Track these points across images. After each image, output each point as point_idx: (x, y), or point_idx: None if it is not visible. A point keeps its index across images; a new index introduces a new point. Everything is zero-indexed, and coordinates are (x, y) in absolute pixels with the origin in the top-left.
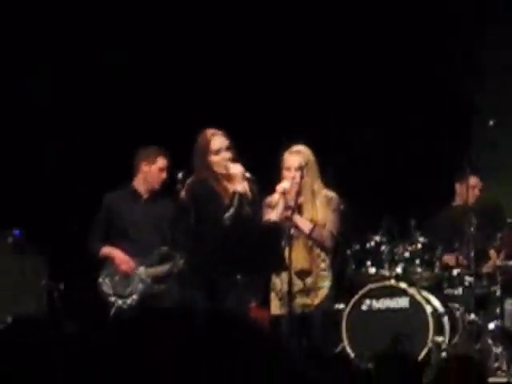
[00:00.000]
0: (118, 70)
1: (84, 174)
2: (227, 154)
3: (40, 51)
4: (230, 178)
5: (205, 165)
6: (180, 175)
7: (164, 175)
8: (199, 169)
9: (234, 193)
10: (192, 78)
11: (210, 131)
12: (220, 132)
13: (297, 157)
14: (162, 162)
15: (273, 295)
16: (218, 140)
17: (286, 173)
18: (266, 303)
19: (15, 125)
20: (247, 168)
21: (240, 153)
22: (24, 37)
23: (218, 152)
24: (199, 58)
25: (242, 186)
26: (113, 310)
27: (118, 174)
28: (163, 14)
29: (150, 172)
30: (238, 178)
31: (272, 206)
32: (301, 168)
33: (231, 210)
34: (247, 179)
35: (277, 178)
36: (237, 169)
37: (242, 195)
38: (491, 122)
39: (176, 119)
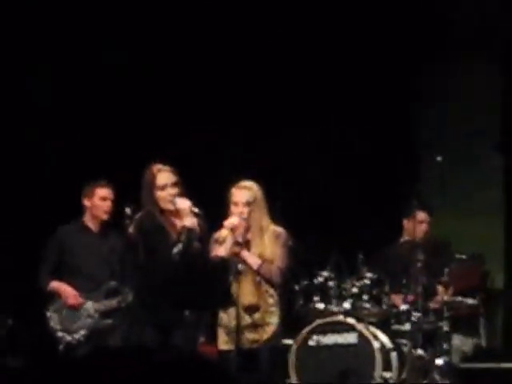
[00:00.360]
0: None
1: (33, 206)
2: (173, 190)
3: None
4: (177, 213)
5: (151, 200)
6: (128, 210)
7: (107, 204)
8: (146, 204)
9: (183, 228)
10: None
11: (156, 167)
12: (166, 168)
13: (245, 192)
14: (101, 191)
15: (220, 330)
16: (163, 176)
17: (233, 208)
18: (213, 338)
19: None
20: (194, 203)
21: (187, 188)
22: (25, 38)
23: (163, 188)
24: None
25: (189, 221)
26: (61, 346)
27: (69, 208)
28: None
29: (93, 205)
30: (185, 213)
31: (220, 242)
32: (248, 203)
33: (179, 246)
34: (195, 214)
35: (224, 213)
36: (184, 204)
37: (190, 230)
38: (439, 158)
39: (125, 153)
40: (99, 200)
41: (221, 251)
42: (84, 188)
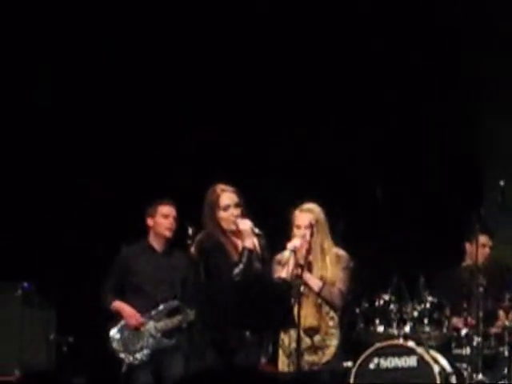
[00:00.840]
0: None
1: (96, 227)
2: (236, 211)
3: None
4: (238, 234)
5: (213, 220)
6: (190, 230)
7: (170, 221)
8: (208, 224)
9: (244, 249)
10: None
11: (219, 187)
12: (230, 188)
13: (307, 215)
14: (163, 209)
15: (281, 352)
16: (227, 196)
17: (296, 230)
18: (273, 360)
19: (26, 176)
20: (256, 224)
21: (249, 209)
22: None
23: (226, 208)
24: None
25: (250, 242)
26: (124, 367)
27: (131, 229)
28: None
29: (155, 223)
30: (246, 234)
31: (282, 264)
32: (311, 226)
33: (240, 266)
34: (256, 235)
35: (287, 234)
36: (245, 225)
37: (250, 251)
38: (502, 182)
39: (190, 172)
40: (161, 217)
41: (283, 273)
42: (147, 208)
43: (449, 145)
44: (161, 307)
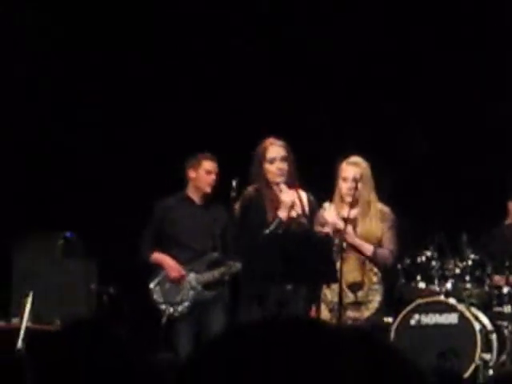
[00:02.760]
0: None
1: (138, 178)
2: (282, 165)
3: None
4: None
5: (260, 173)
6: (234, 183)
7: (212, 177)
8: (254, 177)
9: (276, 217)
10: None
11: (269, 140)
12: (279, 142)
13: (354, 167)
14: (207, 164)
15: (323, 307)
16: (274, 149)
17: (341, 183)
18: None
19: (65, 124)
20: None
21: (299, 165)
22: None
23: (273, 161)
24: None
25: (284, 213)
26: (164, 318)
27: (171, 181)
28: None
29: (198, 177)
30: (284, 205)
31: (324, 220)
32: (356, 179)
33: (266, 231)
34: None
35: (333, 187)
36: (288, 197)
37: (281, 222)
38: None
39: (237, 128)
40: (204, 172)
41: (326, 228)
42: (189, 159)
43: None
44: (201, 259)
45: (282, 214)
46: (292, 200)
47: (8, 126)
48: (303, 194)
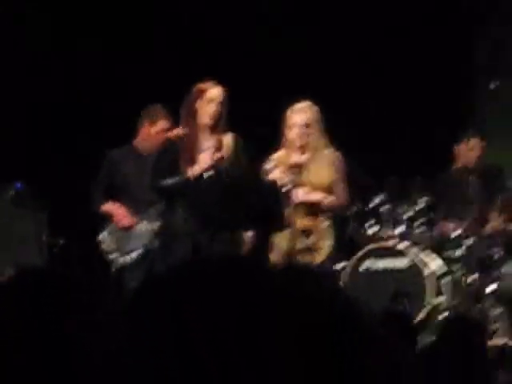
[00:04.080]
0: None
1: (87, 129)
2: (218, 108)
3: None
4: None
5: (190, 112)
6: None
7: (163, 137)
8: (183, 116)
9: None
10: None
11: (210, 82)
12: (220, 87)
13: (300, 114)
14: (162, 123)
15: (275, 253)
16: (215, 91)
17: (287, 131)
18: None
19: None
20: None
21: (240, 109)
22: None
23: (210, 101)
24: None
25: (194, 172)
26: (114, 268)
27: (121, 132)
28: None
29: (150, 134)
30: (198, 165)
31: (269, 169)
32: (305, 126)
33: (172, 180)
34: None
35: (279, 136)
36: (203, 158)
37: (187, 179)
38: (492, 85)
39: (178, 75)
40: (160, 132)
41: (272, 175)
42: (146, 112)
43: (443, 41)
44: (151, 209)
45: (191, 172)
46: (205, 166)
47: None
48: (229, 137)
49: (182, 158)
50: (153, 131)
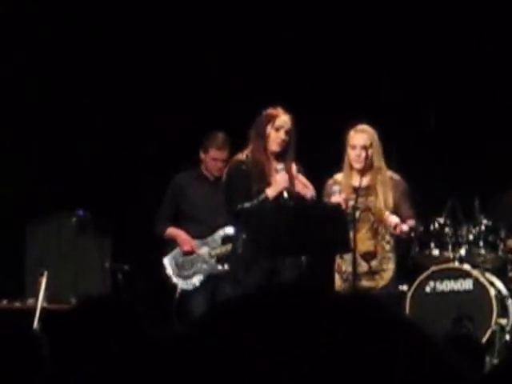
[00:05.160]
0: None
1: (149, 156)
2: (286, 136)
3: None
4: (274, 176)
5: (260, 136)
6: None
7: (218, 165)
8: (254, 140)
9: (264, 193)
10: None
11: (279, 109)
12: (289, 115)
13: (363, 134)
14: (213, 153)
15: (337, 277)
16: (283, 118)
17: (350, 151)
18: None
19: (79, 105)
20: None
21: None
22: None
23: (279, 129)
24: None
25: (272, 194)
26: (177, 292)
27: (184, 157)
28: None
29: (205, 161)
30: (275, 186)
31: (332, 191)
32: (366, 147)
33: (249, 204)
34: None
35: (342, 156)
36: (282, 180)
37: (266, 199)
38: None
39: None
40: (211, 159)
41: (335, 197)
42: (203, 140)
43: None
44: (214, 234)
45: (271, 192)
46: (285, 186)
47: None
48: (294, 168)
49: (254, 181)
50: (208, 159)
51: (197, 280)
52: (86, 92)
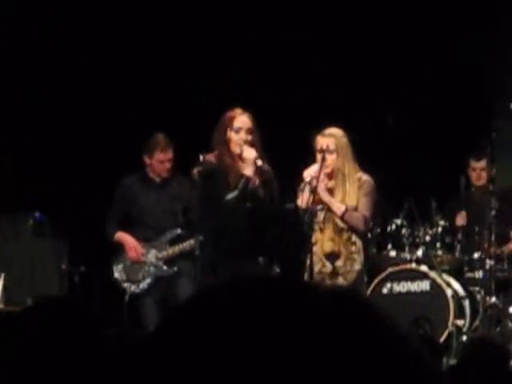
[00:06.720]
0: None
1: (103, 158)
2: (246, 136)
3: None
4: (242, 160)
5: (223, 141)
6: (201, 157)
7: (165, 166)
8: (216, 145)
9: (241, 176)
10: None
11: (236, 110)
12: (247, 113)
13: (326, 139)
14: (159, 156)
15: (305, 277)
16: (241, 119)
17: (318, 155)
18: None
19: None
20: (262, 156)
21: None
22: None
23: (238, 131)
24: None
25: (251, 171)
26: (127, 296)
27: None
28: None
29: (152, 164)
30: (248, 163)
31: (301, 191)
32: (331, 151)
33: (235, 192)
34: (257, 167)
35: (313, 161)
36: (250, 153)
37: (248, 179)
38: None
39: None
40: (157, 162)
41: (299, 201)
42: (145, 144)
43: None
44: (162, 236)
45: (247, 171)
46: (254, 156)
47: None
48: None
49: (224, 185)
50: (154, 162)
51: (145, 283)
52: (38, 93)
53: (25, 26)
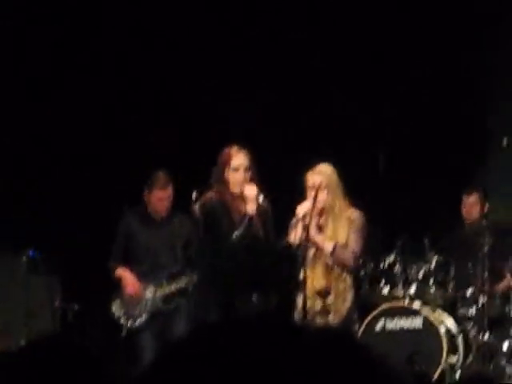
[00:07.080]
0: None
1: (100, 195)
2: (245, 174)
3: None
4: (243, 198)
5: (222, 180)
6: (194, 195)
7: (164, 204)
8: (216, 183)
9: (246, 214)
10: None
11: (233, 148)
12: (244, 151)
13: (318, 176)
14: (157, 193)
15: (295, 314)
16: (239, 158)
17: (308, 192)
18: None
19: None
20: (270, 189)
21: (264, 173)
22: None
23: (237, 169)
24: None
25: (253, 208)
26: (124, 331)
27: (131, 196)
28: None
29: (150, 201)
30: (250, 200)
31: (292, 228)
32: (321, 188)
33: (240, 230)
34: (259, 204)
35: (304, 198)
36: (251, 190)
37: (251, 217)
38: (505, 142)
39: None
40: (156, 200)
41: (291, 237)
42: (147, 181)
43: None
44: (160, 273)
45: (250, 208)
46: (256, 193)
47: None
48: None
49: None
50: (152, 199)
51: (142, 319)
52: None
53: (25, 26)
